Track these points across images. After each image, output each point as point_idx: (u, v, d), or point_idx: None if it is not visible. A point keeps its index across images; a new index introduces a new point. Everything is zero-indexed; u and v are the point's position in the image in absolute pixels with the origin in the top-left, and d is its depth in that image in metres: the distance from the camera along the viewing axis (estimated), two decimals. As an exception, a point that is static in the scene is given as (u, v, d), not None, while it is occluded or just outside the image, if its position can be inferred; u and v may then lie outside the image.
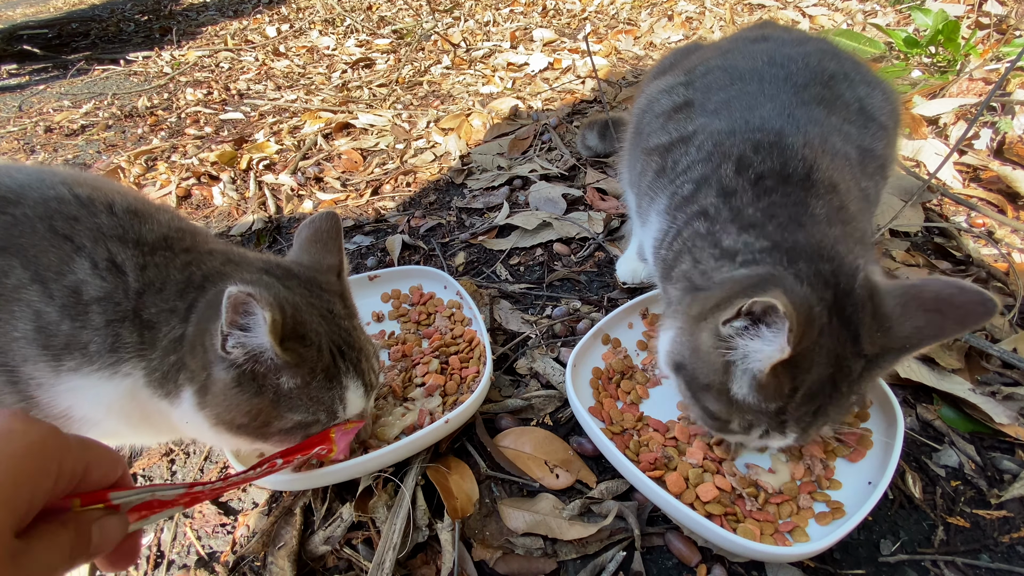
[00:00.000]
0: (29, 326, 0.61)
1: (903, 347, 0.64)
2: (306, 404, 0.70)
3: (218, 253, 0.74)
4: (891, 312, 0.64)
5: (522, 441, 0.94)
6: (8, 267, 0.61)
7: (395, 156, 2.00)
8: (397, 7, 3.94)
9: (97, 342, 0.64)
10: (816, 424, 0.68)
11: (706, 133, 0.83)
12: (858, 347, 0.64)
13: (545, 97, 2.30)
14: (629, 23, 3.05)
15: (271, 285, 0.71)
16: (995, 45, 1.82)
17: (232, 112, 2.59)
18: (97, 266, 0.64)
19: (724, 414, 0.71)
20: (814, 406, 0.66)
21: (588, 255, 1.38)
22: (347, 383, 0.74)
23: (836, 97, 0.84)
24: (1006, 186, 1.38)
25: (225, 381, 0.65)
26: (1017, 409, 0.90)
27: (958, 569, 0.74)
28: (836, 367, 0.64)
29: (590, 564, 0.78)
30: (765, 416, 0.68)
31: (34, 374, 0.63)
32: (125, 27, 4.63)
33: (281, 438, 0.72)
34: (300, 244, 0.84)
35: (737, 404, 0.68)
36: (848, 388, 0.66)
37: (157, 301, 0.66)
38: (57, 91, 3.19)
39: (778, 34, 1.00)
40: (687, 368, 0.73)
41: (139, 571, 0.85)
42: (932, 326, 0.61)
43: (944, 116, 1.60)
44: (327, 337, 0.72)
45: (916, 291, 0.63)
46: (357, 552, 0.83)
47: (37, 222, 0.64)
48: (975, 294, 0.60)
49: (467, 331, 1.11)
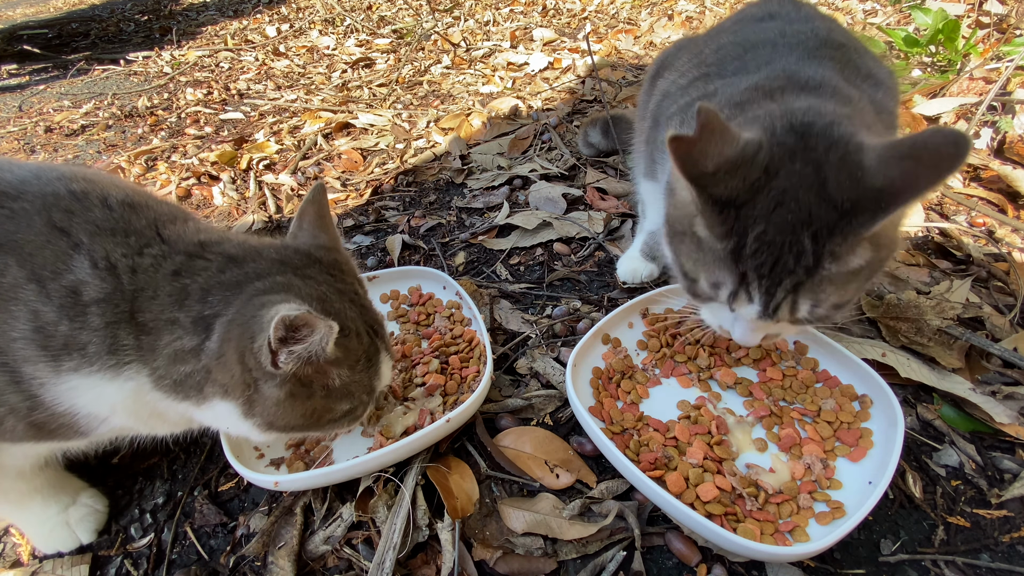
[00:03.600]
0: (27, 326, 0.61)
1: (876, 204, 0.60)
2: (354, 391, 0.72)
3: (229, 248, 0.70)
4: (867, 164, 0.62)
5: (522, 441, 0.94)
6: (3, 265, 0.60)
7: (395, 156, 2.00)
8: (397, 7, 3.93)
9: (96, 343, 0.63)
10: (779, 283, 0.65)
11: (725, 92, 0.84)
12: (825, 194, 0.62)
13: (545, 97, 2.30)
14: (629, 22, 3.05)
15: (295, 285, 0.68)
16: (995, 44, 1.82)
17: (232, 112, 2.58)
18: (96, 265, 0.63)
19: (693, 269, 0.72)
20: (771, 254, 0.64)
21: (588, 255, 1.38)
22: (382, 358, 0.76)
23: (847, 60, 0.85)
24: (1006, 185, 1.38)
25: (277, 396, 0.65)
26: (1018, 408, 0.90)
27: (958, 569, 0.74)
28: (795, 213, 0.62)
29: (590, 564, 0.78)
30: (723, 263, 0.67)
31: (35, 374, 0.62)
32: (125, 27, 4.63)
33: (331, 427, 0.74)
34: (309, 222, 0.80)
35: (701, 249, 0.70)
36: (811, 242, 0.63)
37: (153, 307, 0.64)
38: (57, 91, 3.19)
39: (786, 11, 1.00)
40: (671, 222, 0.75)
41: (139, 571, 0.85)
42: (905, 175, 0.59)
43: (944, 115, 1.60)
44: (361, 321, 0.72)
45: (898, 142, 0.62)
46: (357, 552, 0.83)
47: (35, 216, 0.63)
48: (949, 133, 0.57)
49: (467, 331, 1.11)
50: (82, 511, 0.89)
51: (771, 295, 0.67)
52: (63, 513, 0.87)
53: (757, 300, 0.68)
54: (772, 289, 0.66)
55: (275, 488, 0.85)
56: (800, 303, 0.67)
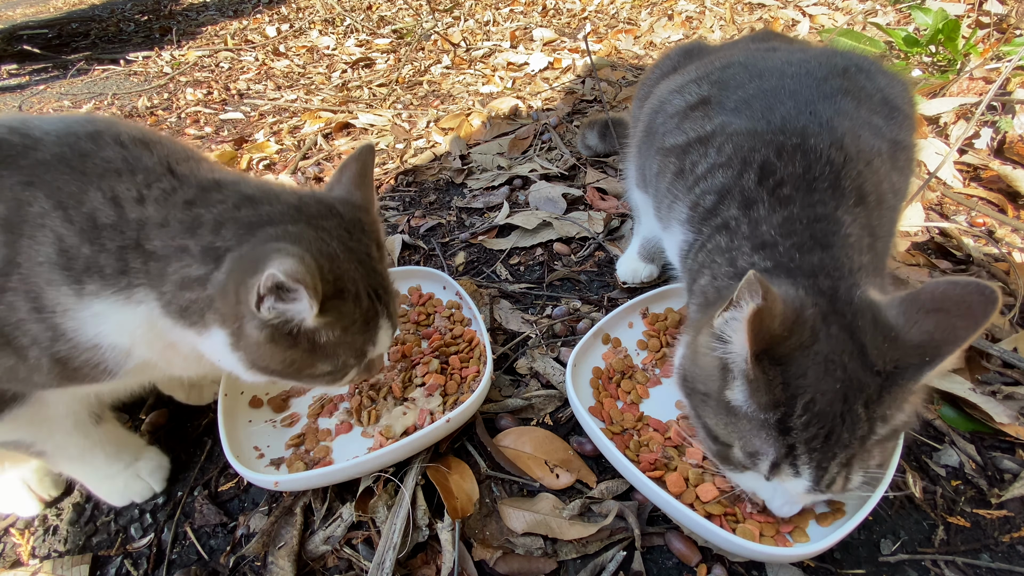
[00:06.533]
0: (51, 249, 0.63)
1: (920, 358, 0.58)
2: (341, 352, 0.71)
3: (245, 188, 0.71)
4: (894, 322, 0.60)
5: (522, 441, 0.94)
6: (32, 197, 0.64)
7: (395, 156, 2.00)
8: (397, 7, 3.93)
9: (112, 265, 0.65)
10: (833, 457, 0.60)
11: (725, 134, 0.80)
12: (866, 360, 0.60)
13: (545, 97, 2.30)
14: (629, 22, 3.05)
15: (306, 237, 0.67)
16: (995, 44, 1.82)
17: (232, 112, 2.59)
18: (105, 195, 0.65)
19: (724, 434, 0.66)
20: (823, 427, 0.59)
21: (588, 255, 1.38)
22: (381, 323, 0.74)
23: (859, 89, 0.81)
24: (1006, 185, 1.38)
25: (257, 337, 0.65)
26: (1017, 408, 0.90)
27: (958, 569, 0.74)
28: (843, 381, 0.59)
29: (590, 564, 0.78)
30: (766, 433, 0.61)
31: (59, 299, 0.65)
32: (125, 27, 4.63)
33: (312, 382, 0.76)
34: (349, 177, 0.79)
35: (735, 415, 0.64)
36: (865, 410, 0.59)
37: (162, 235, 0.66)
38: (57, 91, 3.19)
39: (784, 45, 1.00)
40: (689, 379, 0.70)
41: (139, 571, 0.85)
42: (941, 328, 0.58)
43: (944, 115, 1.60)
44: (364, 283, 0.71)
45: (913, 296, 0.61)
46: (357, 552, 0.83)
47: (58, 160, 0.66)
48: (971, 285, 0.57)
49: (467, 331, 1.11)
50: (151, 464, 0.95)
51: (823, 469, 0.61)
52: (132, 466, 0.93)
53: (807, 475, 0.62)
54: (824, 463, 0.61)
55: (275, 488, 0.85)
56: (853, 475, 0.63)
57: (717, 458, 0.71)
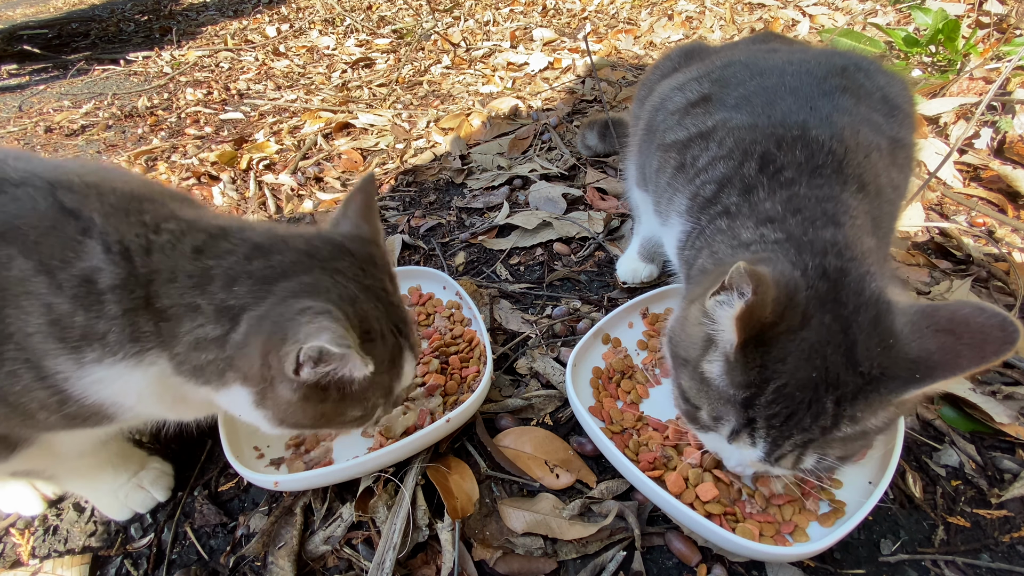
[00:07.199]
0: (41, 320, 0.59)
1: (911, 374, 0.56)
2: (370, 395, 0.70)
3: (252, 235, 0.67)
4: (898, 329, 0.58)
5: (522, 441, 0.94)
6: (6, 257, 0.57)
7: (395, 156, 2.00)
8: (397, 7, 3.93)
9: (116, 332, 0.61)
10: (789, 437, 0.61)
11: (726, 129, 0.80)
12: (853, 358, 0.58)
13: (545, 97, 2.30)
14: (629, 22, 3.05)
15: (325, 287, 0.65)
16: (995, 44, 1.82)
17: (232, 112, 2.58)
18: (110, 249, 0.60)
19: (695, 397, 0.68)
20: (787, 408, 0.60)
21: (588, 255, 1.38)
22: (406, 357, 0.73)
23: (858, 86, 0.81)
24: (1006, 185, 1.38)
25: (290, 398, 0.63)
26: (1017, 408, 0.90)
27: (958, 569, 0.74)
28: (821, 372, 0.58)
29: (590, 564, 0.78)
30: (732, 407, 0.63)
31: (58, 368, 0.61)
32: (125, 27, 4.63)
33: (343, 427, 0.75)
34: (354, 211, 0.76)
35: (707, 385, 0.65)
36: (834, 405, 0.59)
37: (171, 292, 0.62)
38: (57, 91, 3.19)
39: (784, 46, 1.00)
40: (674, 343, 0.72)
41: (139, 571, 0.85)
42: (944, 351, 0.55)
43: (944, 115, 1.60)
44: (385, 320, 0.69)
45: (931, 310, 0.58)
46: (357, 552, 0.83)
47: (40, 200, 0.60)
48: (995, 316, 0.53)
49: (467, 331, 1.11)
50: (153, 473, 0.94)
51: (777, 445, 0.63)
52: (135, 478, 0.92)
53: (760, 447, 0.63)
54: (779, 441, 0.62)
55: (275, 488, 0.85)
56: (806, 457, 0.63)
57: (686, 416, 0.73)
